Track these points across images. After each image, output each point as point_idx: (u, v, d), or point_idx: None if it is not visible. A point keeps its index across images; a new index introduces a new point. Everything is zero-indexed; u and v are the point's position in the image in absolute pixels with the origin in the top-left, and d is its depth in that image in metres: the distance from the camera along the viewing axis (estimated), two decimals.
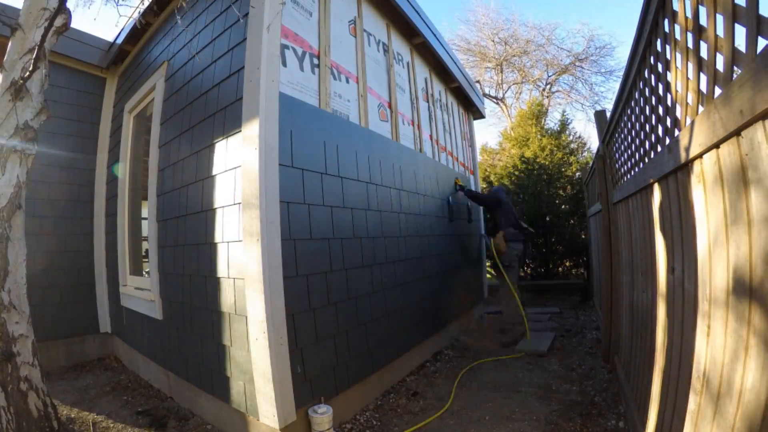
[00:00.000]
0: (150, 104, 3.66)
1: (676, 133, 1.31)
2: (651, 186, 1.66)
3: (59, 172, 3.99)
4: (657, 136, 1.57)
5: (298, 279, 2.27)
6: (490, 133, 34.33)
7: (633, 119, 2.04)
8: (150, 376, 3.33)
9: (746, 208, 0.84)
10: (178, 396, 2.91)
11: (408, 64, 4.22)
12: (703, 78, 1.08)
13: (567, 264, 7.88)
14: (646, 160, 1.78)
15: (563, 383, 2.93)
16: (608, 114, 2.93)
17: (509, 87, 16.62)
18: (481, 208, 5.86)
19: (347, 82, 3.09)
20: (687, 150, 1.14)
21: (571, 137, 9.07)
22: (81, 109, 4.19)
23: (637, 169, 2.02)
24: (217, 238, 2.41)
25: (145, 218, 3.42)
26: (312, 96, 2.66)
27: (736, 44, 0.89)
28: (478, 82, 15.09)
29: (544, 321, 4.95)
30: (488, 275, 6.46)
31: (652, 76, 1.63)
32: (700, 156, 1.08)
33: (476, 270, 5.55)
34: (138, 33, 3.76)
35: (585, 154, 9.13)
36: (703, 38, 1.08)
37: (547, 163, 8.25)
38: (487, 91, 16.40)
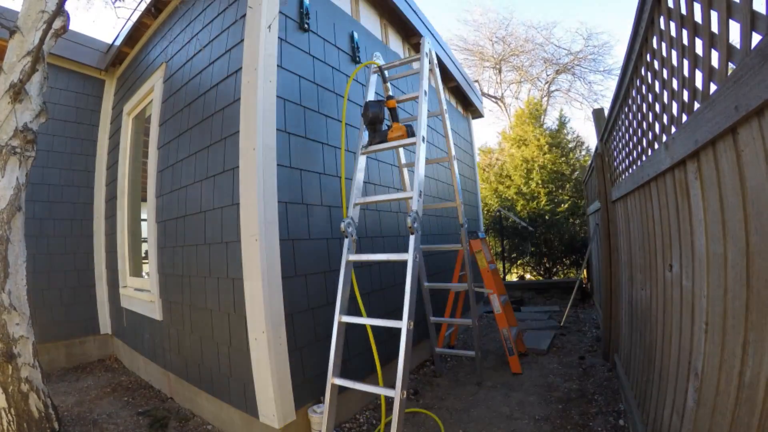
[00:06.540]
0: (149, 106, 3.66)
1: (673, 130, 1.31)
2: (648, 183, 1.66)
3: (59, 174, 4.00)
4: (654, 133, 1.57)
5: (297, 279, 2.27)
6: (490, 132, 34.36)
7: (630, 117, 2.04)
8: (150, 376, 3.33)
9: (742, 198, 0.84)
10: (179, 396, 2.91)
11: None
12: (699, 75, 1.08)
13: (566, 262, 7.88)
14: (644, 157, 1.78)
15: (563, 381, 2.92)
16: (606, 112, 2.93)
17: (508, 86, 16.64)
18: None
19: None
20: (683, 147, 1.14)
21: (569, 136, 9.06)
22: (80, 111, 4.19)
23: (635, 167, 2.02)
24: (216, 238, 2.41)
25: (145, 219, 3.43)
26: None
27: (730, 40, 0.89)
28: (476, 81, 15.07)
29: (544, 319, 4.95)
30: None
31: (649, 74, 1.63)
32: (696, 153, 1.08)
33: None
34: (136, 35, 3.77)
35: (583, 153, 9.13)
36: (698, 34, 1.08)
37: (545, 162, 8.26)
38: (486, 90, 16.41)
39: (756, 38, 0.77)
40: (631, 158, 2.13)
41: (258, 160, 2.10)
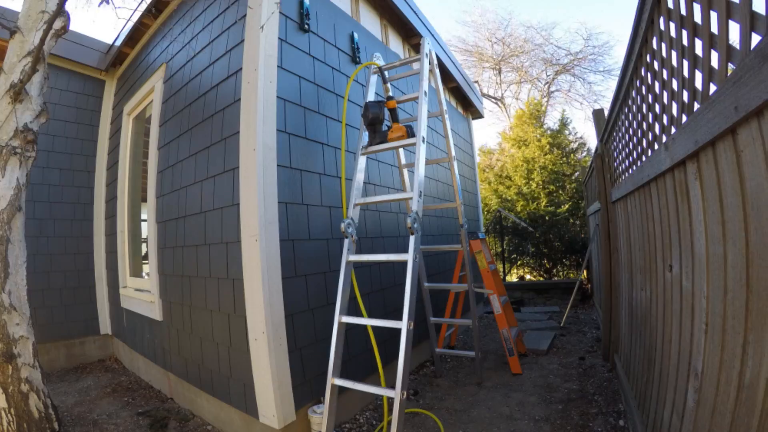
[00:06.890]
0: (149, 106, 3.66)
1: (673, 130, 1.31)
2: (648, 184, 1.66)
3: (59, 175, 4.00)
4: (654, 133, 1.57)
5: (297, 279, 2.27)
6: (490, 133, 34.37)
7: (630, 117, 2.04)
8: (150, 377, 3.33)
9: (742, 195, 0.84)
10: (179, 397, 2.91)
11: None
12: (698, 75, 1.08)
13: (567, 263, 7.88)
14: (644, 158, 1.78)
15: (563, 382, 2.92)
16: (606, 113, 2.93)
17: (508, 87, 16.64)
18: None
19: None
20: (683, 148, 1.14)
21: (571, 137, 9.06)
22: (80, 111, 4.20)
23: (635, 168, 2.02)
24: (216, 239, 2.41)
25: (145, 220, 3.43)
26: None
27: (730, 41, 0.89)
28: (476, 82, 15.08)
29: (544, 320, 4.95)
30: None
31: (649, 74, 1.63)
32: (696, 154, 1.08)
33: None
34: (136, 35, 3.77)
35: (584, 154, 9.12)
36: (698, 35, 1.08)
37: (546, 162, 8.26)
38: (485, 90, 16.41)
39: (755, 39, 0.77)
40: (630, 159, 2.13)
41: (258, 160, 2.10)
